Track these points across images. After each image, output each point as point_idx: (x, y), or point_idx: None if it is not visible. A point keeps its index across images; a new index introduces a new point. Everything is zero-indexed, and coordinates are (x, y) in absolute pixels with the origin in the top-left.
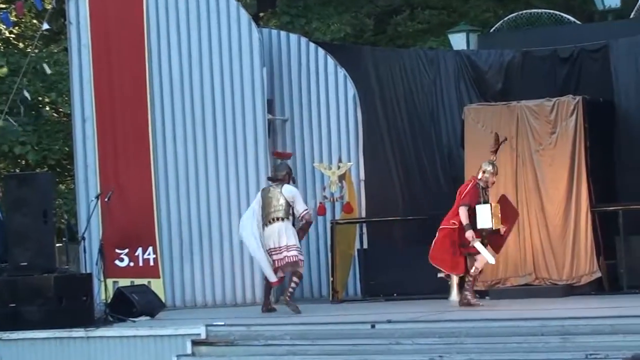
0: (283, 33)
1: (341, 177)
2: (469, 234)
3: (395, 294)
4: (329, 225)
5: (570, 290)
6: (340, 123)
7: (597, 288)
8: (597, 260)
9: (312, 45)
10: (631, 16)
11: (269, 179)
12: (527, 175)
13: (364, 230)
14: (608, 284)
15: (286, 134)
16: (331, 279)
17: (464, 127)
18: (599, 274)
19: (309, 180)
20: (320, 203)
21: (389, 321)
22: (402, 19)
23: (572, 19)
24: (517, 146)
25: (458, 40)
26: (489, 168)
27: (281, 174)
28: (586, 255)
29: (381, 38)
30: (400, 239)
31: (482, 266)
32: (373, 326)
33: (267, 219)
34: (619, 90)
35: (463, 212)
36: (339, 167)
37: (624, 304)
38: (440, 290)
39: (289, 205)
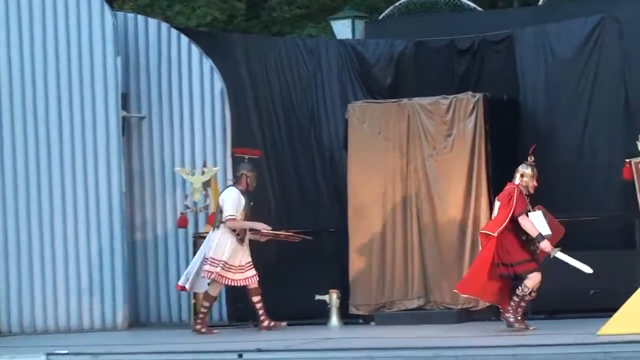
0: (140, 17)
1: (206, 184)
2: (545, 244)
3: None
4: (191, 240)
5: (467, 316)
6: (206, 122)
7: (497, 313)
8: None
9: (174, 31)
10: (540, 3)
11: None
12: (419, 184)
13: None
14: None
15: (143, 133)
16: (193, 301)
17: (347, 128)
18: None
19: (169, 188)
20: (181, 214)
21: (259, 350)
22: (278, 2)
23: (472, 5)
24: (407, 150)
25: (342, 28)
26: (528, 171)
27: (235, 175)
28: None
29: (254, 24)
30: (274, 256)
31: (533, 285)
32: (240, 355)
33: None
34: (525, 86)
35: (527, 222)
36: (203, 173)
37: (527, 331)
38: (319, 315)
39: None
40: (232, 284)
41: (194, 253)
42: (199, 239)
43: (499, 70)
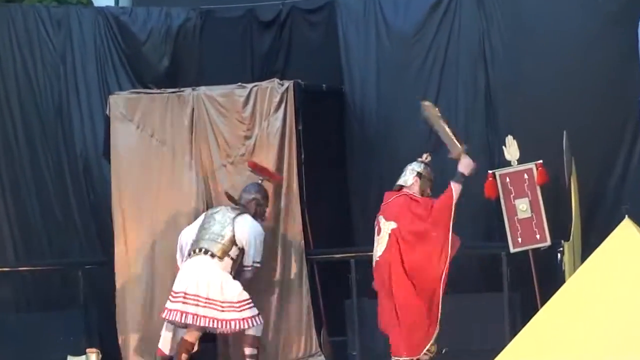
0: None
1: None
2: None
3: None
4: None
5: None
6: None
7: None
8: (317, 337)
9: None
10: None
11: (229, 197)
12: (211, 203)
13: None
14: None
15: None
16: None
17: (108, 128)
18: (320, 358)
19: None
20: None
21: None
22: None
23: None
24: (192, 158)
25: None
26: (427, 171)
27: (247, 198)
28: (300, 327)
29: None
30: (12, 301)
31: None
32: None
33: (192, 248)
34: (352, 71)
35: (456, 186)
36: None
37: None
38: None
39: (233, 245)
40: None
41: None
42: None
43: (315, 50)
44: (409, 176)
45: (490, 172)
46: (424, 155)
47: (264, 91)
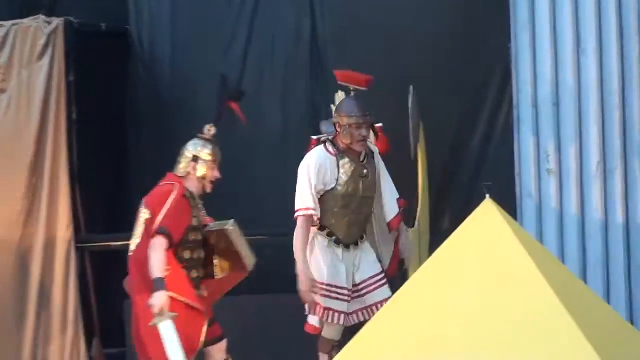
0: None
1: None
2: (158, 299)
3: None
4: None
5: None
6: None
7: None
8: (87, 350)
9: None
10: None
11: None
12: None
13: None
14: None
15: None
16: None
17: None
18: None
19: None
20: None
21: None
22: None
23: None
24: None
25: None
26: (206, 152)
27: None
28: (64, 338)
29: None
30: None
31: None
32: None
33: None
34: (140, 8)
35: (157, 254)
36: None
37: None
38: None
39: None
40: None
41: None
42: None
43: None
44: (184, 163)
45: (314, 138)
46: (206, 128)
47: (25, 32)
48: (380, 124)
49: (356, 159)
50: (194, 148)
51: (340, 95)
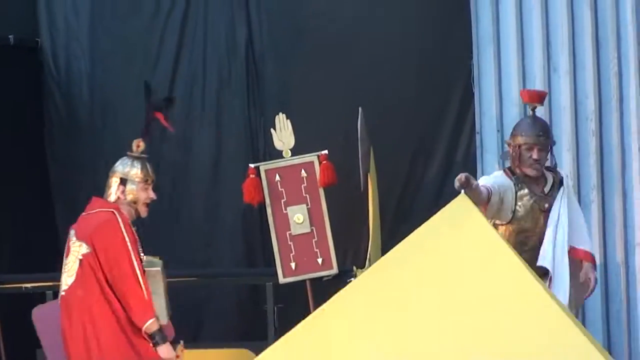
0: None
1: None
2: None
3: None
4: None
5: None
6: None
7: None
8: None
9: None
10: None
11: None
12: None
13: None
14: None
15: None
16: None
17: None
18: None
19: None
20: None
21: None
22: None
23: None
24: None
25: None
26: (135, 171)
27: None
28: None
29: None
30: None
31: None
32: None
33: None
34: (53, 18)
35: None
36: None
37: None
38: None
39: None
40: None
41: None
42: None
43: None
44: (114, 187)
45: (251, 166)
46: (134, 144)
47: None
48: (324, 152)
49: (537, 190)
50: (121, 169)
51: (281, 118)
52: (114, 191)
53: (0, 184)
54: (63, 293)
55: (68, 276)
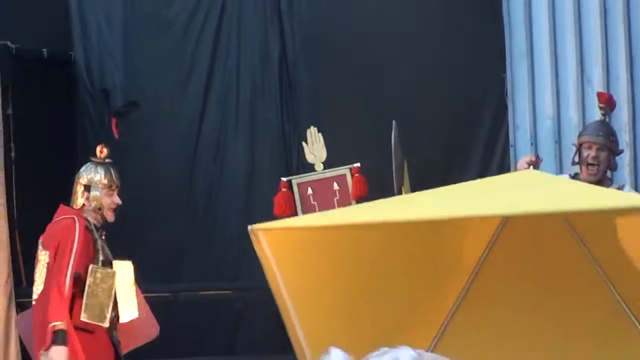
0: None
1: None
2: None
3: None
4: None
5: None
6: None
7: None
8: None
9: None
10: None
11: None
12: None
13: None
14: None
15: None
16: None
17: None
18: None
19: None
20: None
21: None
22: None
23: None
24: None
25: None
26: (99, 177)
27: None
28: None
29: None
30: None
31: None
32: None
33: None
34: (87, 32)
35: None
36: None
37: None
38: None
39: None
40: None
41: None
42: None
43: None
44: (78, 193)
45: (283, 179)
46: (97, 149)
47: None
48: (357, 164)
49: None
50: (85, 175)
51: (312, 131)
52: (78, 197)
53: (34, 199)
54: (34, 302)
55: (38, 285)
